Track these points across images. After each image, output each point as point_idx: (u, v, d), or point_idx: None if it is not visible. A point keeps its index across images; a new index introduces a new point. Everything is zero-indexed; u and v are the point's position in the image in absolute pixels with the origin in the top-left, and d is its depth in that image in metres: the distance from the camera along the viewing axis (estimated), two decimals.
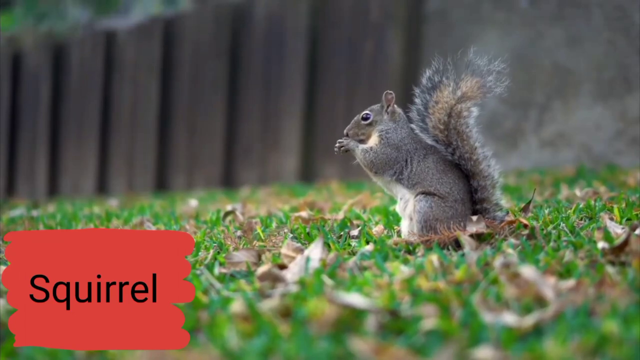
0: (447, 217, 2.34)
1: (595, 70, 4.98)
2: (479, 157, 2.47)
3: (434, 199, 2.35)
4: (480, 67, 2.48)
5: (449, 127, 2.44)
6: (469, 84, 2.46)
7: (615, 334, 1.31)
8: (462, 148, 2.44)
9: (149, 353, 1.41)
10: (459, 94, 2.44)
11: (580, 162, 4.93)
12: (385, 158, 2.43)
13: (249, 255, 2.25)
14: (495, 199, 2.48)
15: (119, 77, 7.54)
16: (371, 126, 2.49)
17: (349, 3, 6.04)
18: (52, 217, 4.24)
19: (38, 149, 8.15)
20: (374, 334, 1.44)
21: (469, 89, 2.46)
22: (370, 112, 2.50)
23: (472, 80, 2.47)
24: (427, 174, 2.40)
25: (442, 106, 2.45)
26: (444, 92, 2.46)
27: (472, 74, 2.47)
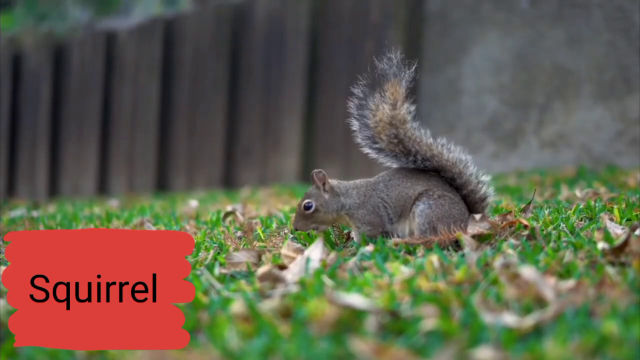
0: (446, 211, 2.36)
1: (596, 71, 4.99)
2: (438, 149, 2.49)
3: (430, 200, 2.37)
4: (386, 69, 2.46)
5: (400, 137, 2.45)
6: (391, 89, 2.47)
7: (616, 334, 1.31)
8: (421, 149, 2.47)
9: (149, 353, 1.41)
10: (390, 103, 2.46)
11: (580, 163, 4.93)
12: (373, 218, 2.42)
13: (249, 256, 2.25)
14: (481, 186, 2.48)
15: (119, 77, 7.54)
16: (318, 212, 2.42)
17: (349, 3, 6.04)
18: (52, 218, 4.24)
19: (38, 149, 8.15)
20: (374, 334, 1.44)
21: (393, 94, 2.47)
22: (310, 201, 2.43)
23: (390, 85, 2.46)
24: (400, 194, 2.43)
25: (384, 123, 2.46)
26: (379, 110, 2.46)
27: (385, 79, 2.46)
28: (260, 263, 2.27)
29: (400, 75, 2.46)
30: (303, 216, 2.43)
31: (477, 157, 5.43)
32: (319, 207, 2.42)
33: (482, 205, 2.49)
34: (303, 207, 2.42)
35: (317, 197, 2.43)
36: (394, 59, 2.45)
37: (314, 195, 2.43)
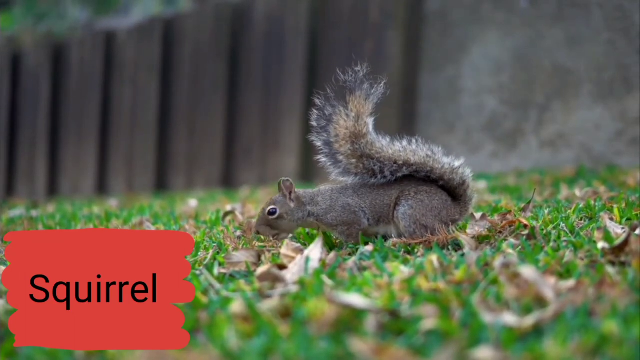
0: (430, 204, 2.36)
1: (595, 71, 4.99)
2: (403, 158, 2.43)
3: (410, 200, 2.37)
4: (351, 81, 2.42)
5: (359, 155, 2.42)
6: (355, 102, 2.43)
7: (615, 334, 1.31)
8: (384, 163, 2.42)
9: (149, 353, 1.41)
10: (353, 116, 2.42)
11: (580, 163, 4.93)
12: (350, 223, 2.40)
13: (248, 256, 2.25)
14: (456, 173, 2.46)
15: (118, 77, 7.54)
16: (282, 219, 2.41)
17: (348, 3, 6.04)
18: (51, 217, 4.24)
19: (38, 149, 8.15)
20: (373, 334, 1.43)
21: (357, 106, 2.43)
22: (275, 207, 2.42)
23: (355, 96, 2.42)
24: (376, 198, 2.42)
25: (344, 137, 2.42)
26: (340, 123, 2.42)
27: (351, 91, 2.42)
28: (260, 263, 2.27)
29: (364, 87, 2.43)
30: (266, 221, 2.42)
31: (476, 157, 5.45)
32: (283, 215, 2.41)
33: (463, 189, 2.47)
34: (267, 212, 2.41)
35: (283, 205, 2.42)
36: (360, 72, 2.42)
37: (280, 202, 2.42)
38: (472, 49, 5.52)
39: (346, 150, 2.43)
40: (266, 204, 2.44)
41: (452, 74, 5.62)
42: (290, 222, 2.43)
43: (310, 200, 2.44)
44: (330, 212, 2.41)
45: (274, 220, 2.41)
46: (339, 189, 2.47)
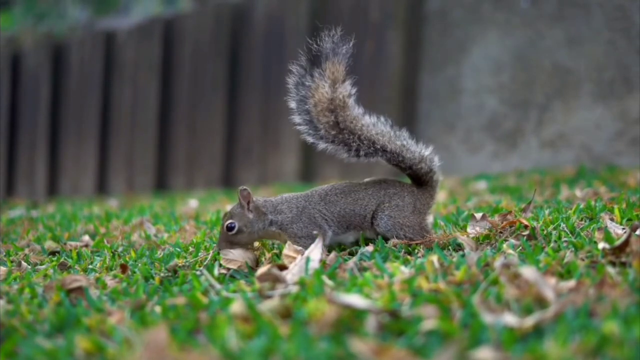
0: (406, 207, 2.36)
1: (596, 71, 4.98)
2: (380, 142, 2.38)
3: (386, 212, 2.35)
4: (326, 48, 2.33)
5: (340, 127, 2.35)
6: (331, 68, 2.34)
7: (616, 334, 1.30)
8: (363, 142, 2.36)
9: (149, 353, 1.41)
10: (329, 83, 2.34)
11: (580, 163, 4.93)
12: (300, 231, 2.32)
13: (245, 256, 2.25)
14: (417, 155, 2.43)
15: (118, 77, 7.54)
16: (242, 233, 2.27)
17: (348, 3, 6.04)
18: (51, 218, 4.24)
19: (37, 149, 8.15)
20: (374, 334, 1.43)
21: (333, 73, 2.35)
22: (233, 221, 2.27)
23: (331, 63, 2.34)
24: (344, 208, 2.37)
25: (322, 105, 2.34)
26: (318, 90, 2.34)
27: (327, 58, 2.34)
28: (261, 263, 2.27)
29: (340, 52, 2.34)
30: (226, 237, 2.27)
31: (477, 157, 5.45)
32: (242, 228, 2.27)
33: (429, 176, 2.46)
34: (226, 227, 2.27)
35: (241, 217, 2.28)
36: (334, 36, 2.33)
37: (237, 214, 2.28)
38: (472, 49, 5.52)
39: (328, 121, 2.35)
40: (224, 219, 2.30)
41: (452, 74, 5.62)
42: (250, 234, 2.29)
43: (272, 209, 2.32)
44: (296, 222, 2.31)
45: (234, 235, 2.27)
46: (305, 197, 2.37)
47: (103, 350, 1.47)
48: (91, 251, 2.82)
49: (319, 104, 2.35)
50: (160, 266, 2.38)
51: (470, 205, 3.37)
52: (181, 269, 2.32)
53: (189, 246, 2.68)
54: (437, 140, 5.62)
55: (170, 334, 1.47)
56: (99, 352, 1.47)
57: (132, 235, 3.18)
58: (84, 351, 1.47)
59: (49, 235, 3.27)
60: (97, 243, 2.97)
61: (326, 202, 2.36)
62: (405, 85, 5.74)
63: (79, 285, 2.02)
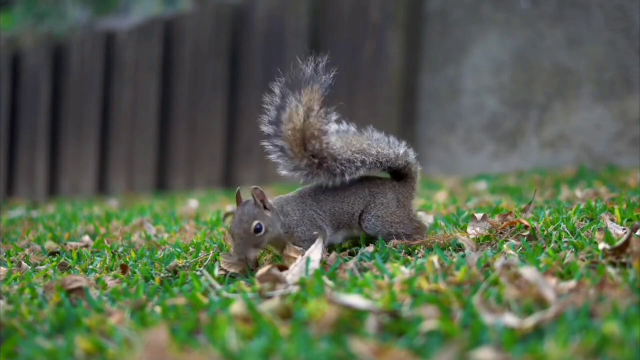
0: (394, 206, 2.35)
1: (596, 71, 4.98)
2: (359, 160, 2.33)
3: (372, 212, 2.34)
4: (306, 72, 2.28)
5: (318, 155, 2.28)
6: (307, 95, 2.27)
7: (616, 335, 1.30)
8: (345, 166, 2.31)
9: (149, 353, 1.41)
10: (304, 110, 2.26)
11: (580, 163, 4.93)
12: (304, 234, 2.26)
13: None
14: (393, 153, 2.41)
15: (118, 77, 7.54)
16: (267, 233, 2.14)
17: (348, 3, 6.04)
18: (51, 218, 4.24)
19: (38, 149, 8.14)
20: (374, 335, 1.43)
21: (309, 99, 2.27)
22: (259, 221, 2.12)
23: (308, 89, 2.27)
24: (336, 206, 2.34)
25: (296, 134, 2.27)
26: (293, 118, 2.27)
27: (305, 83, 2.28)
28: (261, 263, 2.26)
29: (319, 77, 2.27)
30: (253, 241, 2.11)
31: (477, 157, 5.45)
32: (267, 228, 2.14)
33: (407, 168, 2.44)
34: (253, 229, 2.11)
35: (263, 217, 2.14)
36: (319, 63, 2.28)
37: (258, 215, 2.14)
38: (473, 49, 5.52)
39: (300, 150, 2.28)
40: (244, 221, 2.12)
41: (453, 74, 5.62)
42: (272, 234, 2.17)
43: (280, 209, 2.24)
44: (300, 225, 2.26)
45: (261, 236, 2.13)
46: (300, 199, 2.31)
47: (103, 350, 1.47)
48: (91, 251, 2.82)
49: (294, 131, 2.28)
50: (160, 266, 2.38)
51: (470, 206, 3.37)
52: (181, 269, 2.32)
53: (189, 246, 2.68)
54: (437, 140, 5.62)
55: (170, 334, 1.46)
56: (99, 352, 1.47)
57: (132, 235, 3.18)
58: (84, 351, 1.47)
59: (49, 235, 3.27)
60: (97, 243, 2.97)
61: (317, 201, 2.33)
62: (405, 85, 5.74)
63: (79, 286, 2.02)
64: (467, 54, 5.54)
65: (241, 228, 2.11)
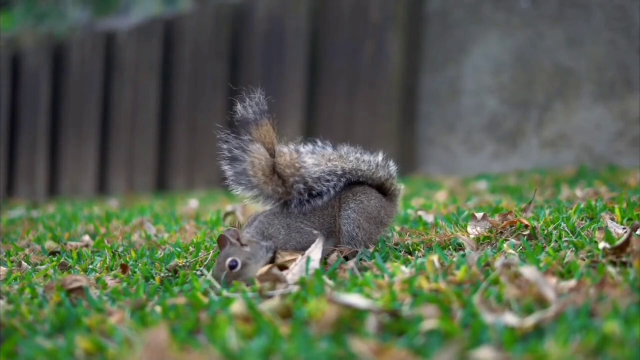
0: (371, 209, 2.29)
1: (596, 71, 4.98)
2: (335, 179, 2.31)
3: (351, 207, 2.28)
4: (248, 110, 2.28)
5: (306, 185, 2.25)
6: (264, 134, 2.29)
7: (617, 334, 1.30)
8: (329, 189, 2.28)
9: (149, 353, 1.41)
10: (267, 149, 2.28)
11: (580, 163, 4.93)
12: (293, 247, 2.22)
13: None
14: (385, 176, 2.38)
15: (118, 77, 7.54)
16: (247, 266, 2.11)
17: (349, 4, 6.04)
18: (51, 218, 4.24)
19: (38, 149, 8.14)
20: (374, 334, 1.43)
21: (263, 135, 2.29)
22: (235, 258, 2.10)
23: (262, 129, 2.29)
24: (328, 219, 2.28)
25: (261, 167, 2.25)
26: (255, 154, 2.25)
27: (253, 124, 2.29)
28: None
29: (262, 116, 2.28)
30: (232, 276, 2.09)
31: (477, 157, 5.45)
32: (246, 261, 2.12)
33: (390, 183, 2.40)
34: (228, 266, 2.08)
35: (239, 253, 2.12)
36: (257, 99, 2.28)
37: (235, 252, 2.12)
38: (473, 49, 5.52)
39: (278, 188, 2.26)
40: (220, 262, 2.11)
41: (453, 74, 5.62)
42: (257, 263, 2.14)
43: (261, 237, 2.22)
44: (290, 240, 2.22)
45: (240, 271, 2.10)
46: (283, 215, 2.27)
47: (103, 350, 1.47)
48: (91, 251, 2.81)
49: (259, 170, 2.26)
50: (160, 266, 2.38)
51: (470, 205, 3.37)
52: (181, 268, 2.32)
53: (189, 246, 2.68)
54: (437, 141, 5.62)
55: (170, 334, 1.46)
56: (99, 352, 1.47)
57: (132, 235, 3.18)
58: (84, 351, 1.47)
59: (49, 235, 3.27)
60: (98, 243, 2.97)
61: (305, 212, 2.28)
62: (406, 85, 5.74)
63: (79, 285, 2.02)
64: (467, 54, 5.54)
65: (219, 269, 2.11)
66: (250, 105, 2.29)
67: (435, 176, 5.22)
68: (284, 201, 2.28)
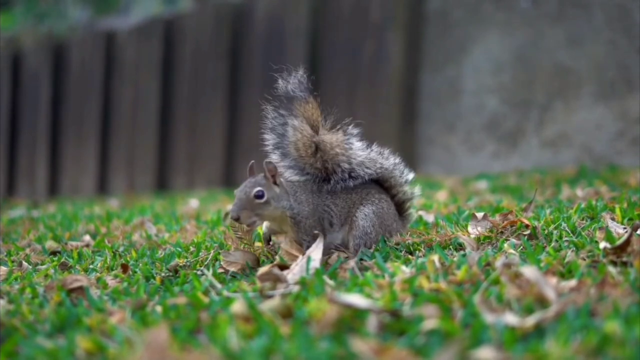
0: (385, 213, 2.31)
1: (596, 71, 4.98)
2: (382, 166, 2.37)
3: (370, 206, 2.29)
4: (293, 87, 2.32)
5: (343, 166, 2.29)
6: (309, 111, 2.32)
7: (617, 334, 1.30)
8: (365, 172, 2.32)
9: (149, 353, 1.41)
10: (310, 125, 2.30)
11: (581, 162, 4.92)
12: (310, 229, 2.22)
13: (246, 256, 2.25)
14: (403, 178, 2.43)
15: (119, 77, 7.54)
16: (268, 205, 2.14)
17: (349, 3, 6.04)
18: (52, 218, 4.24)
19: (38, 149, 8.15)
20: (375, 334, 1.43)
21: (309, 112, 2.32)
22: (262, 189, 2.14)
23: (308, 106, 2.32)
24: (348, 203, 2.29)
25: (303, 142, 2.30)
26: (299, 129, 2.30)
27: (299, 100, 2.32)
28: (262, 262, 2.26)
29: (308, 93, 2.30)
30: (250, 205, 2.11)
31: (477, 157, 5.45)
32: (270, 200, 2.14)
33: (407, 205, 2.45)
34: (253, 195, 2.12)
35: (268, 188, 2.16)
36: (300, 77, 2.31)
37: (264, 185, 2.16)
38: (473, 48, 5.51)
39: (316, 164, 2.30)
40: (247, 186, 2.15)
41: (453, 74, 5.61)
42: (275, 209, 2.16)
43: (293, 192, 2.23)
44: (310, 218, 2.23)
45: (260, 205, 2.13)
46: (316, 191, 2.29)
47: (104, 350, 1.47)
48: (92, 251, 2.82)
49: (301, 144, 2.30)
50: (161, 266, 2.38)
51: (471, 205, 3.37)
52: (182, 268, 2.33)
53: (190, 246, 2.68)
54: (437, 140, 5.62)
55: (171, 333, 1.47)
56: (99, 352, 1.47)
57: (133, 235, 3.18)
58: (84, 351, 1.47)
59: (50, 235, 3.27)
60: (98, 243, 2.97)
61: (333, 197, 2.30)
62: (406, 85, 5.74)
63: (79, 285, 2.02)
64: (468, 54, 5.54)
65: (243, 192, 2.14)
66: (295, 83, 2.33)
67: (436, 176, 5.23)
68: (317, 177, 2.31)
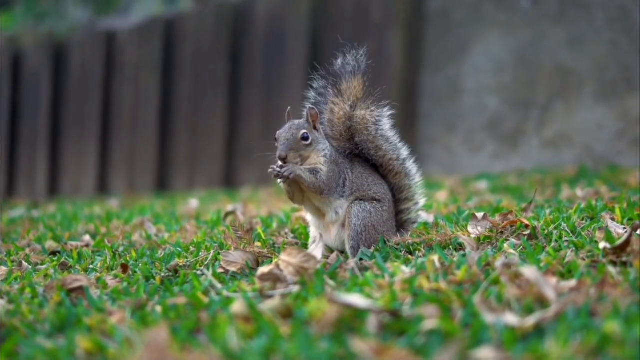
0: (383, 221, 2.32)
1: (597, 71, 4.98)
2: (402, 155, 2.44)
3: (372, 204, 2.31)
4: (346, 66, 2.38)
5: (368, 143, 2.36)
6: (354, 86, 2.36)
7: (617, 334, 1.30)
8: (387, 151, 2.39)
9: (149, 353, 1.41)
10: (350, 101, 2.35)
11: (581, 163, 4.92)
12: (333, 176, 2.26)
13: (245, 257, 2.25)
14: (416, 198, 2.47)
15: (119, 77, 7.54)
16: (311, 146, 2.23)
17: (349, 3, 6.04)
18: (52, 218, 4.24)
19: (38, 149, 8.15)
20: (375, 334, 1.43)
21: (355, 90, 2.36)
22: (307, 132, 2.23)
23: (354, 82, 2.37)
24: (362, 180, 2.33)
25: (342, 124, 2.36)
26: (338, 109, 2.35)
27: (345, 76, 2.37)
28: (262, 263, 2.26)
29: (359, 70, 2.37)
30: (297, 146, 2.20)
31: (478, 157, 5.45)
32: (313, 142, 2.24)
33: (406, 222, 2.46)
34: (300, 137, 2.21)
35: (311, 131, 2.25)
36: (357, 56, 2.38)
37: (307, 128, 2.25)
38: (474, 48, 5.51)
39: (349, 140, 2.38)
40: (293, 128, 2.23)
41: (454, 74, 5.61)
42: (314, 151, 2.24)
43: (323, 139, 2.31)
44: (333, 164, 2.27)
45: (305, 146, 2.22)
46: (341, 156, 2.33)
47: (104, 350, 1.47)
48: (92, 251, 2.82)
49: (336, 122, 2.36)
50: (161, 266, 2.38)
51: (471, 205, 3.37)
52: (182, 268, 2.32)
53: (190, 246, 2.68)
54: (438, 140, 5.62)
55: (171, 333, 1.46)
56: (99, 352, 1.47)
57: (133, 235, 3.18)
58: (84, 351, 1.47)
59: (50, 235, 3.27)
60: (98, 243, 2.97)
61: (352, 167, 2.34)
62: (406, 85, 5.74)
63: (79, 285, 2.02)
64: (468, 54, 5.54)
65: (290, 132, 2.23)
66: (350, 61, 2.40)
67: (436, 176, 5.23)
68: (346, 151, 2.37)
